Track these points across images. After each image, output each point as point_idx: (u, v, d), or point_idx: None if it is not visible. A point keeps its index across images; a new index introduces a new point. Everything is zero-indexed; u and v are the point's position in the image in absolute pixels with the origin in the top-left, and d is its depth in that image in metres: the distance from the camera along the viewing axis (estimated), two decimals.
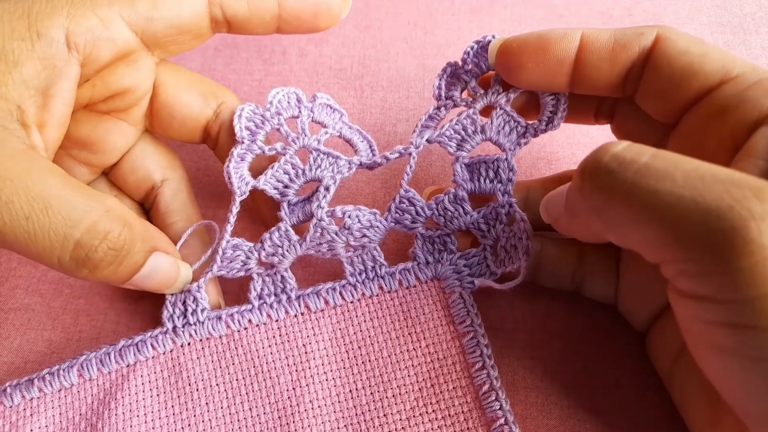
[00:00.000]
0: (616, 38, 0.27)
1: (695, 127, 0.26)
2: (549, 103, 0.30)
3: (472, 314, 0.30)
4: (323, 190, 0.31)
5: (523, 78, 0.29)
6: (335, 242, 0.30)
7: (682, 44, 0.26)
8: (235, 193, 0.30)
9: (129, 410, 0.28)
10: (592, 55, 0.27)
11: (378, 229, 0.31)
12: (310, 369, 0.29)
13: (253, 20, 0.31)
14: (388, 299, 0.30)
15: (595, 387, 0.30)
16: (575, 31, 0.27)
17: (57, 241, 0.25)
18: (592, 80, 0.27)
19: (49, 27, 0.27)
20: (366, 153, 0.33)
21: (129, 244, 0.27)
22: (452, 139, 0.31)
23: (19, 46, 0.26)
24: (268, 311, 0.30)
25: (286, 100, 0.32)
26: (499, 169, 0.31)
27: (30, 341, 0.32)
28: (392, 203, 0.31)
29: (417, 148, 0.31)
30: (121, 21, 0.28)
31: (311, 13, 0.31)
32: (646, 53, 0.26)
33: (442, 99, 0.31)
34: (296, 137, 0.31)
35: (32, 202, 0.24)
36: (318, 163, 0.31)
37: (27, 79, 0.26)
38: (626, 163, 0.22)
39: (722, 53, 0.26)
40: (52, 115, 0.27)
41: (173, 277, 0.29)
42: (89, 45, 0.27)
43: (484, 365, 0.28)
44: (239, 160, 0.31)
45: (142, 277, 0.28)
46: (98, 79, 0.29)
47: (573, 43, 0.27)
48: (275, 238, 0.30)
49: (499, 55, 0.29)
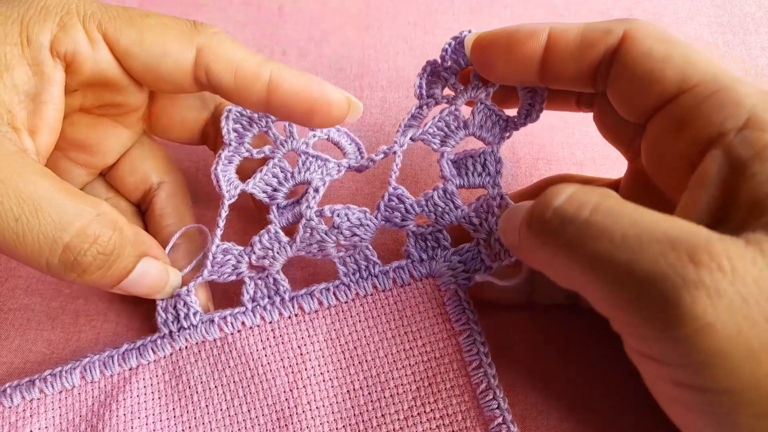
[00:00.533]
0: (583, 36, 0.26)
1: (657, 136, 0.25)
2: (527, 96, 0.30)
3: (468, 311, 0.29)
4: (312, 192, 0.31)
5: (495, 73, 0.29)
6: (325, 242, 0.30)
7: (646, 45, 0.25)
8: (224, 197, 0.30)
9: (130, 412, 0.28)
10: (559, 53, 0.27)
11: (368, 228, 0.31)
12: (306, 370, 0.29)
13: (239, 96, 0.29)
14: (383, 298, 0.30)
15: (594, 387, 0.30)
16: (544, 28, 0.27)
17: (46, 244, 0.25)
18: (560, 77, 0.27)
19: (39, 33, 0.26)
20: (354, 155, 0.33)
21: (119, 249, 0.26)
22: (436, 136, 0.31)
23: (11, 51, 0.26)
24: (261, 313, 0.30)
25: None
26: (487, 161, 0.31)
27: (29, 341, 0.32)
28: (381, 201, 0.31)
29: (401, 146, 0.31)
30: (104, 44, 0.28)
31: (306, 110, 0.29)
32: (612, 51, 0.26)
33: (424, 97, 0.32)
34: (284, 140, 0.31)
35: (22, 204, 0.24)
36: (307, 167, 0.31)
37: (18, 84, 0.26)
38: (567, 221, 0.22)
39: (685, 56, 0.24)
40: (43, 121, 0.27)
41: (162, 283, 0.29)
42: (70, 55, 0.27)
43: (481, 363, 0.28)
44: (227, 163, 0.31)
45: (131, 282, 0.28)
46: (88, 91, 0.29)
47: (540, 41, 0.27)
48: (265, 241, 0.30)
49: (472, 50, 0.29)
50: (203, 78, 0.28)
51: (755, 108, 0.22)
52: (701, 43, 0.42)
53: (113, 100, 0.30)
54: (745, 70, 0.41)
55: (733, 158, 0.22)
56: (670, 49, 0.25)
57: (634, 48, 0.25)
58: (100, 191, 0.33)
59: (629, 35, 0.25)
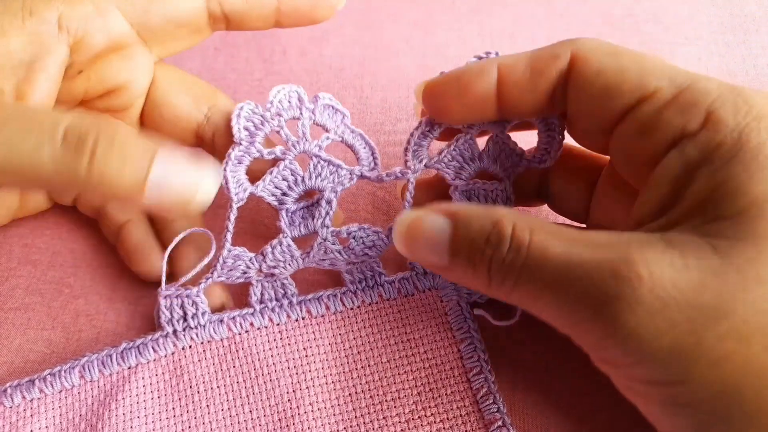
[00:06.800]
0: (532, 66, 0.26)
1: (623, 143, 0.25)
2: (544, 138, 0.30)
3: (469, 321, 0.30)
4: (325, 205, 0.30)
5: (453, 118, 0.29)
6: (337, 259, 0.31)
7: (595, 63, 0.25)
8: (232, 200, 0.29)
9: (129, 412, 0.28)
10: (512, 88, 0.26)
11: (380, 248, 0.31)
12: (310, 372, 0.29)
13: (252, 14, 0.31)
14: (387, 307, 0.31)
15: (594, 387, 0.30)
16: (491, 66, 0.27)
17: (43, 133, 0.23)
18: (518, 109, 0.27)
19: (44, 9, 0.27)
20: (368, 160, 0.32)
21: (125, 135, 0.24)
22: (450, 167, 0.30)
23: (10, 21, 0.26)
24: (269, 315, 0.30)
25: (287, 99, 0.30)
26: (498, 198, 0.30)
27: (30, 341, 0.32)
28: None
29: (415, 172, 0.30)
30: (117, 11, 0.28)
31: (309, 5, 0.31)
32: (563, 76, 0.26)
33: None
34: (296, 141, 0.30)
35: (7, 110, 0.24)
36: (318, 171, 0.30)
37: (12, 50, 0.26)
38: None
39: (638, 64, 0.24)
40: (33, 88, 0.27)
41: (192, 183, 0.25)
42: (81, 30, 0.27)
43: (482, 369, 0.29)
44: (236, 163, 0.29)
45: (156, 183, 0.24)
46: (92, 72, 0.29)
47: (491, 79, 0.26)
48: (277, 253, 0.30)
49: (424, 99, 0.29)
50: (217, 10, 0.30)
51: (713, 105, 0.22)
52: (702, 43, 0.42)
53: (119, 78, 0.29)
54: (745, 70, 0.41)
55: (685, 160, 0.22)
56: (621, 61, 0.25)
57: (586, 67, 0.25)
58: None
59: (577, 56, 0.25)
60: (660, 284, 0.20)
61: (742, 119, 0.22)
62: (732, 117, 0.22)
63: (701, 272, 0.20)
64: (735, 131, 0.22)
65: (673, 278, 0.20)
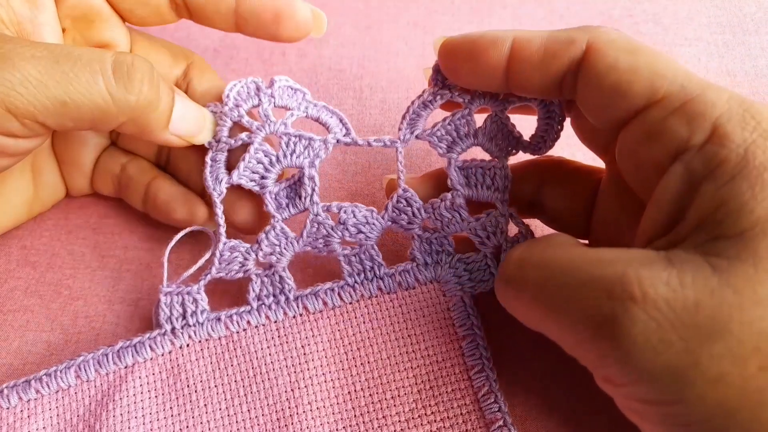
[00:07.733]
0: (547, 46, 0.26)
1: (629, 147, 0.25)
2: (542, 127, 0.30)
3: (472, 317, 0.29)
4: (308, 181, 0.30)
5: (462, 79, 0.28)
6: (331, 237, 0.30)
7: (611, 57, 0.24)
8: (213, 195, 0.30)
9: (126, 412, 0.28)
10: (523, 64, 0.26)
11: (374, 227, 0.30)
12: (308, 370, 0.29)
13: (208, 8, 0.31)
14: (387, 301, 0.30)
15: (595, 387, 0.30)
16: (507, 36, 0.26)
17: (95, 68, 0.25)
18: (525, 86, 0.27)
19: None
20: (338, 128, 0.31)
21: (153, 74, 0.27)
22: (443, 140, 0.30)
23: None
24: (266, 312, 0.30)
25: (245, 91, 0.31)
26: (496, 176, 0.30)
27: (28, 343, 0.32)
28: (390, 202, 0.31)
29: (405, 142, 0.30)
30: None
31: (271, 16, 0.30)
32: (576, 63, 0.25)
33: (439, 85, 0.30)
34: (260, 125, 0.30)
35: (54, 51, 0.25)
36: (292, 149, 0.30)
37: (15, 7, 0.28)
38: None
39: (651, 66, 0.24)
40: (43, 41, 0.28)
41: (201, 117, 0.30)
42: None
43: (484, 368, 0.28)
44: (212, 164, 0.30)
45: (180, 116, 0.29)
46: (77, 32, 0.31)
47: (503, 50, 0.26)
48: (272, 237, 0.30)
49: (439, 55, 0.28)
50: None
51: (720, 119, 0.22)
52: (701, 43, 0.42)
53: (100, 37, 0.31)
54: (745, 70, 0.41)
55: (690, 174, 0.22)
56: (636, 60, 0.24)
57: (600, 60, 0.24)
58: (118, 156, 0.34)
59: (593, 46, 0.25)
60: (654, 304, 0.20)
61: (748, 135, 0.21)
62: (739, 132, 0.21)
63: (697, 292, 0.20)
64: (741, 147, 0.21)
65: (668, 298, 0.20)
